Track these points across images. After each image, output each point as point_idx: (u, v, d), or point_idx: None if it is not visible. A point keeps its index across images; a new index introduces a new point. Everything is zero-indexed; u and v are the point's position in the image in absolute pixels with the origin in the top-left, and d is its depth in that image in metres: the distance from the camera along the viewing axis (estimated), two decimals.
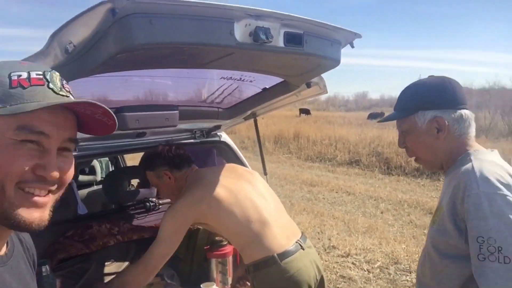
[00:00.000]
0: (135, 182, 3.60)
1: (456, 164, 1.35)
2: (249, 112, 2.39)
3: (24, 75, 0.73)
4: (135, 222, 2.51)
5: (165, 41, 1.25)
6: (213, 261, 2.29)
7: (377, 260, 4.74)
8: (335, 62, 1.80)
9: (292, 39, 1.54)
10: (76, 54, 1.24)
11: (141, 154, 2.19)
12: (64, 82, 0.78)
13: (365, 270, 4.48)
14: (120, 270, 2.21)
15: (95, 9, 1.12)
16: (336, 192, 8.57)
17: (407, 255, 4.85)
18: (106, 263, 2.21)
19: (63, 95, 0.75)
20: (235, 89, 2.22)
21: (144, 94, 2.11)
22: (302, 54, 1.62)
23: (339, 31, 1.69)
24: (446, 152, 1.38)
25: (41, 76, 0.74)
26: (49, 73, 0.76)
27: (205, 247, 2.33)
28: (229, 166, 2.19)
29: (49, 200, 0.76)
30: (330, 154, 13.19)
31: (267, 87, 2.23)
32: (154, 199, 2.68)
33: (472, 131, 1.39)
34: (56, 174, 0.74)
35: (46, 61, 1.28)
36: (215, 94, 2.24)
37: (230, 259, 2.31)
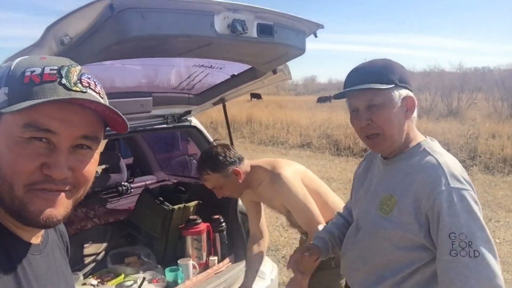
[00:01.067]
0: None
1: (406, 154, 1.32)
2: (218, 98, 2.52)
3: (38, 70, 0.70)
4: (110, 206, 2.59)
5: (155, 33, 1.36)
6: (189, 238, 2.43)
7: None
8: (301, 50, 1.96)
9: (264, 30, 1.69)
10: (72, 45, 1.32)
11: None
12: (85, 76, 0.74)
13: None
14: (99, 251, 2.31)
15: (93, 4, 1.21)
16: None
17: None
18: (84, 245, 2.29)
19: (76, 91, 0.70)
20: (206, 76, 2.33)
21: (120, 82, 2.18)
22: (272, 44, 1.77)
23: (304, 22, 1.85)
24: (406, 133, 1.33)
25: (55, 72, 0.70)
26: (66, 68, 0.72)
27: (180, 226, 2.46)
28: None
29: (61, 198, 0.72)
30: (282, 138, 13.51)
31: (236, 73, 2.36)
32: (125, 183, 2.77)
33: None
34: (63, 173, 0.70)
35: (41, 52, 1.35)
36: (187, 81, 2.35)
37: (204, 235, 2.46)
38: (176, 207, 2.44)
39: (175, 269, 2.27)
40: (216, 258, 2.50)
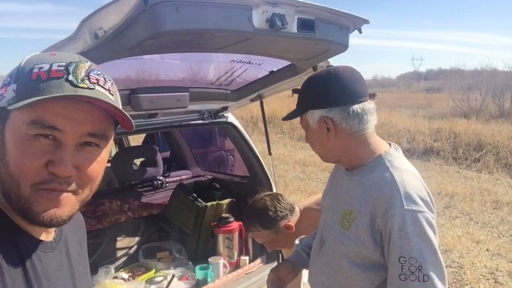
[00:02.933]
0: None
1: (367, 167, 1.29)
2: (255, 94, 2.45)
3: (46, 67, 0.69)
4: (144, 200, 2.59)
5: (189, 27, 1.31)
6: (220, 237, 2.40)
7: None
8: (344, 47, 1.86)
9: (305, 25, 1.60)
10: (106, 39, 1.29)
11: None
12: (94, 73, 0.72)
13: None
14: (131, 245, 2.32)
15: None
16: (329, 172, 8.66)
17: None
18: (118, 238, 2.30)
19: (83, 87, 0.69)
20: (244, 71, 2.28)
21: (157, 76, 2.16)
22: (313, 39, 1.68)
23: (348, 17, 1.75)
24: (344, 150, 1.32)
25: (62, 68, 0.69)
26: (74, 64, 0.71)
27: (212, 224, 2.43)
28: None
29: (66, 198, 0.71)
30: None
31: (275, 70, 2.29)
32: (161, 177, 2.77)
33: (369, 126, 1.32)
34: (67, 171, 0.69)
35: (76, 46, 1.34)
36: (224, 77, 2.30)
37: (236, 234, 2.42)
38: (209, 204, 2.41)
39: (206, 267, 2.24)
40: (247, 258, 2.45)
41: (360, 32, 1.90)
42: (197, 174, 3.17)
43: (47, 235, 0.78)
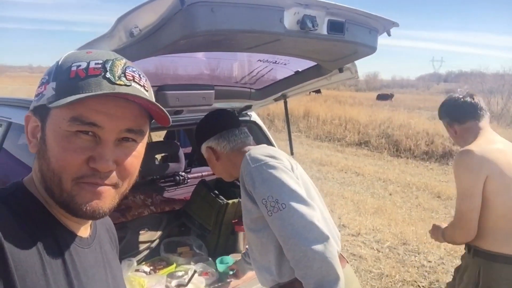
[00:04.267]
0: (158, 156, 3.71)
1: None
2: (279, 94, 2.46)
3: (84, 65, 0.71)
4: (166, 195, 2.62)
5: (223, 28, 1.32)
6: (241, 234, 2.41)
7: (386, 240, 4.88)
8: (372, 49, 1.86)
9: (335, 27, 1.61)
10: (141, 37, 1.32)
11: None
12: (130, 70, 0.74)
13: (374, 249, 4.62)
14: (153, 239, 2.35)
15: None
16: (345, 173, 8.68)
17: (415, 237, 4.98)
18: (140, 232, 2.34)
19: (120, 84, 0.71)
20: (269, 71, 2.28)
21: (183, 74, 2.18)
22: (343, 41, 1.68)
23: (378, 19, 1.75)
24: (233, 165, 1.72)
25: (100, 66, 0.71)
26: (110, 61, 0.73)
27: (233, 221, 2.45)
28: None
29: (107, 191, 0.74)
30: (339, 134, 13.25)
31: (300, 70, 2.29)
32: (183, 173, 2.80)
33: (240, 141, 1.73)
34: (108, 166, 0.71)
35: (110, 43, 1.36)
36: (249, 76, 2.31)
37: None
38: (230, 201, 2.43)
39: (226, 259, 2.25)
40: None
41: (389, 34, 1.89)
42: None
43: (85, 231, 0.81)
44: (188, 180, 2.77)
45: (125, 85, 0.72)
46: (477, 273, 1.95)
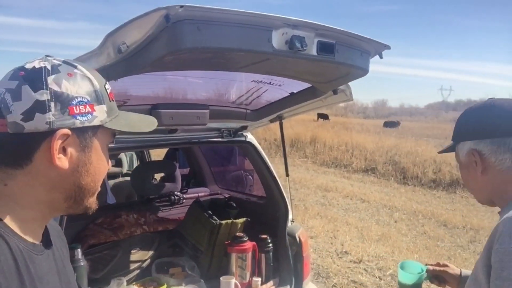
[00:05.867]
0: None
1: (508, 206, 1.13)
2: (275, 115, 2.47)
3: (109, 87, 0.83)
4: (160, 214, 2.62)
5: (209, 46, 1.34)
6: (233, 256, 2.38)
7: (389, 268, 4.77)
8: (364, 71, 1.87)
9: (325, 48, 1.62)
10: (128, 54, 1.34)
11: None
12: None
13: (376, 277, 4.52)
14: (145, 258, 2.33)
15: (150, 14, 1.22)
16: (351, 199, 8.60)
17: None
18: (132, 251, 2.32)
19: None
20: (264, 92, 2.30)
21: (177, 93, 2.21)
22: (333, 63, 1.69)
23: (369, 42, 1.76)
24: (493, 188, 1.19)
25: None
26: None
27: (226, 242, 2.42)
28: None
29: None
30: (346, 161, 13.20)
31: (295, 91, 2.30)
32: (178, 193, 2.79)
33: None
34: (111, 167, 0.87)
35: (99, 59, 1.39)
36: (245, 96, 2.33)
37: (249, 254, 2.40)
38: (223, 222, 2.41)
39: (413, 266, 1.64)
40: (259, 279, 2.42)
41: (381, 57, 1.90)
42: (215, 192, 3.18)
43: (37, 237, 0.80)
44: (184, 200, 2.77)
45: None
46: None
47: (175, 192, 2.75)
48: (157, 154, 4.56)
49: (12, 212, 0.74)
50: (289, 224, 2.52)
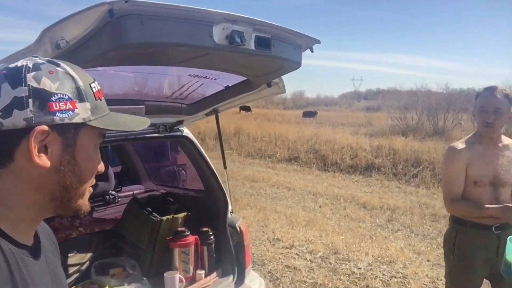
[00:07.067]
0: None
1: None
2: (211, 109, 2.50)
3: (96, 86, 0.80)
4: (96, 215, 2.53)
5: (153, 41, 1.35)
6: (176, 251, 2.38)
7: (319, 250, 5.03)
8: (297, 64, 1.97)
9: (262, 43, 1.69)
10: (68, 49, 1.29)
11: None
12: None
13: (308, 260, 4.75)
14: (83, 261, 2.24)
15: (93, 9, 1.20)
16: (277, 188, 8.86)
17: (345, 246, 5.19)
18: (69, 255, 2.23)
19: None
20: (200, 86, 2.32)
21: (113, 88, 2.15)
22: (269, 57, 1.77)
23: (301, 37, 1.86)
24: None
25: (99, 87, 0.82)
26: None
27: (167, 238, 2.41)
28: None
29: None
30: (270, 151, 13.52)
31: (230, 85, 2.35)
32: (113, 192, 2.71)
33: None
34: (104, 167, 0.84)
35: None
36: (180, 91, 2.33)
37: (192, 248, 2.42)
38: (164, 218, 2.40)
39: None
40: (203, 272, 2.45)
41: (312, 51, 2.01)
42: (150, 188, 3.14)
43: (29, 240, 0.79)
44: (119, 199, 2.70)
45: None
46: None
47: (109, 191, 2.67)
48: None
49: (2, 214, 0.73)
50: (229, 215, 2.57)
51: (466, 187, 2.30)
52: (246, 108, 28.44)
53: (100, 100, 0.80)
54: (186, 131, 2.59)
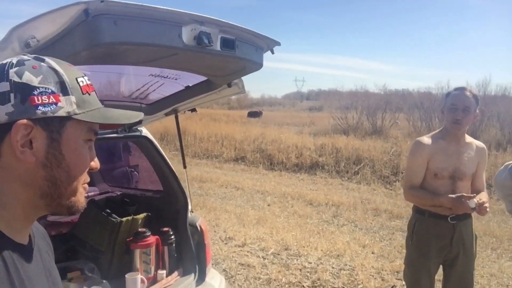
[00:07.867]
0: None
1: None
2: (170, 109, 2.50)
3: (85, 80, 0.79)
4: (51, 218, 2.44)
5: (125, 40, 1.35)
6: (137, 252, 2.36)
7: (270, 247, 5.14)
8: (258, 65, 2.03)
9: (227, 44, 1.73)
10: (38, 48, 1.27)
11: None
12: None
13: (260, 257, 4.84)
14: None
15: (68, 8, 1.18)
16: (226, 188, 8.90)
17: (295, 242, 5.34)
18: None
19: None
20: (160, 86, 2.32)
21: None
22: (234, 58, 1.82)
23: (263, 38, 1.93)
24: None
25: (89, 82, 0.82)
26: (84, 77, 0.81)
27: (128, 239, 2.38)
28: None
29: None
30: (217, 151, 13.52)
31: (190, 85, 2.37)
32: None
33: None
34: (98, 165, 0.83)
35: (2, 54, 1.28)
36: (140, 90, 2.31)
37: (153, 249, 2.41)
38: (124, 219, 2.37)
39: None
40: (164, 271, 2.45)
41: (273, 52, 2.09)
42: (105, 190, 3.06)
43: (22, 238, 0.78)
44: None
45: None
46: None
47: None
48: None
49: None
50: (189, 214, 2.58)
51: (426, 178, 2.49)
52: (191, 109, 28.08)
53: (89, 94, 0.79)
54: (145, 131, 2.57)
